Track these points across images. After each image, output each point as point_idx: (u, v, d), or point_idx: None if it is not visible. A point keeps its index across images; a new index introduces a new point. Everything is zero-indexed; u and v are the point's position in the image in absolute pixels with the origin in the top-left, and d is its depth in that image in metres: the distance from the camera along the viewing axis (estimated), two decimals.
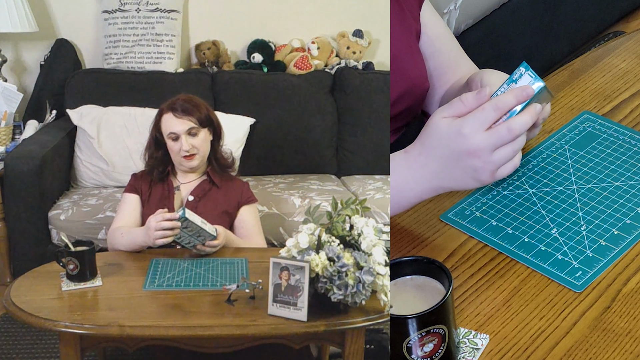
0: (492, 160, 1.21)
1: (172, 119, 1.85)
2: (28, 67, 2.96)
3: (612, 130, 1.53)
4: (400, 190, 1.29)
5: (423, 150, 1.25)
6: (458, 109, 1.23)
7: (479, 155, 1.20)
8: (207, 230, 1.67)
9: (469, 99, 1.23)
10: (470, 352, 1.14)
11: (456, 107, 1.23)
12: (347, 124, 2.92)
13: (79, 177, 2.69)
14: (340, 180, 2.84)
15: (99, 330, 1.36)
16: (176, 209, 1.85)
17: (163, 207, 1.84)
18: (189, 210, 1.67)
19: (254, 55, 3.02)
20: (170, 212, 1.68)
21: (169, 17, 2.94)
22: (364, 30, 3.05)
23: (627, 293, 1.20)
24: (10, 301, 1.43)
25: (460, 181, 1.26)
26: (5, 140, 2.62)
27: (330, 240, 1.36)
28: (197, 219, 1.67)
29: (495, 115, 1.20)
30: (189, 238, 1.67)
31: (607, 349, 1.12)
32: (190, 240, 1.68)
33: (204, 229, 1.67)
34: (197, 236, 1.67)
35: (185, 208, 1.67)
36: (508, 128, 1.19)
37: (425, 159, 1.25)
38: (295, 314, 1.33)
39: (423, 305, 1.05)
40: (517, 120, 1.20)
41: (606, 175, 1.42)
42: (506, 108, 1.20)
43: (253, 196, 1.93)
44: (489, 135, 1.19)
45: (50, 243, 2.40)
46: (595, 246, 1.29)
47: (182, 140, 1.83)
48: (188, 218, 1.64)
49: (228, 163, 1.94)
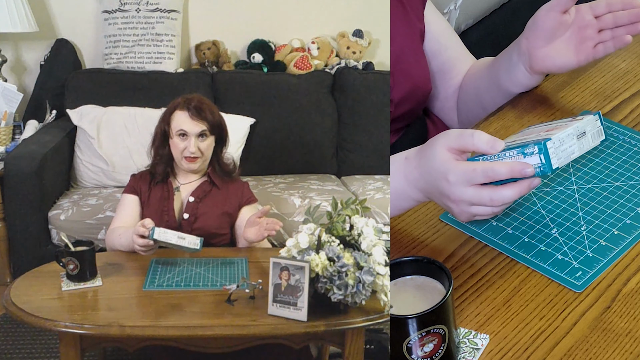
0: (468, 210, 1.19)
1: (186, 118, 1.84)
2: (28, 67, 2.96)
3: (612, 130, 1.53)
4: (399, 194, 1.28)
5: (418, 166, 1.23)
6: (465, 145, 1.18)
7: (457, 203, 1.19)
8: (185, 247, 1.63)
9: (481, 142, 1.17)
10: (470, 352, 1.14)
11: (464, 143, 1.18)
12: (347, 124, 2.92)
13: (79, 177, 2.69)
14: (340, 180, 2.84)
15: (99, 330, 1.36)
16: (176, 210, 1.85)
17: (163, 208, 1.84)
18: (159, 229, 1.61)
19: (254, 55, 3.02)
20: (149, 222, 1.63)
21: (169, 17, 2.94)
22: (364, 30, 3.05)
23: (627, 293, 1.20)
24: (10, 301, 1.43)
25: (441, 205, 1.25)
26: (5, 140, 2.62)
27: (330, 240, 1.36)
28: (172, 237, 1.62)
29: (483, 180, 1.16)
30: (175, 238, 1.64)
31: (607, 349, 1.12)
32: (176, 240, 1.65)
33: (181, 245, 1.63)
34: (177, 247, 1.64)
35: (154, 227, 1.60)
36: (491, 198, 1.16)
37: (419, 176, 1.23)
38: (295, 314, 1.33)
39: (423, 305, 1.05)
40: (503, 193, 1.16)
41: (606, 175, 1.42)
42: (497, 178, 1.15)
43: (253, 196, 1.93)
44: (472, 193, 1.16)
45: (50, 243, 2.40)
46: (595, 246, 1.29)
47: (190, 141, 1.83)
48: (157, 239, 1.60)
49: (230, 169, 1.93)
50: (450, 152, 1.18)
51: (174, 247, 1.64)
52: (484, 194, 1.16)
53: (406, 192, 1.27)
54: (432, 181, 1.20)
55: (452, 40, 1.74)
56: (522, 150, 1.16)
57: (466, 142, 1.17)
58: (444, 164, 1.17)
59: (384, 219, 2.30)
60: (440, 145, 1.19)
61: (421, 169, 1.22)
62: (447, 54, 1.71)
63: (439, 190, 1.19)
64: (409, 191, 1.26)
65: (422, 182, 1.23)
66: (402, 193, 1.27)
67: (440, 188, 1.19)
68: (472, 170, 1.15)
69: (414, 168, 1.24)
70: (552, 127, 1.24)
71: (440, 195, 1.20)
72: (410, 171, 1.24)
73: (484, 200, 1.16)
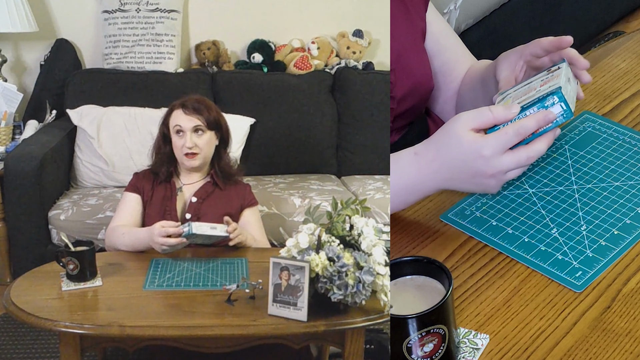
0: (504, 178, 1.27)
1: (181, 115, 1.85)
2: (28, 67, 2.96)
3: (612, 130, 1.53)
4: (409, 189, 1.32)
5: (438, 157, 1.28)
6: (487, 121, 1.26)
7: (494, 176, 1.25)
8: (217, 235, 1.69)
9: (499, 112, 1.25)
10: (470, 352, 1.14)
11: (485, 119, 1.26)
12: (347, 124, 2.92)
13: (79, 177, 2.69)
14: (340, 180, 2.84)
15: (99, 330, 1.36)
16: (178, 210, 1.85)
17: (165, 207, 1.84)
18: (195, 223, 1.68)
19: (254, 55, 3.02)
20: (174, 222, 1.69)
21: (169, 17, 2.94)
22: (364, 30, 3.05)
23: (627, 293, 1.20)
24: (10, 301, 1.43)
25: (467, 189, 1.33)
26: (5, 140, 2.62)
27: (330, 240, 1.36)
28: (206, 229, 1.68)
29: (517, 140, 1.24)
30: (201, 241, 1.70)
31: (607, 349, 1.12)
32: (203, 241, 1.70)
33: (213, 235, 1.69)
34: (207, 240, 1.69)
35: (191, 224, 1.67)
36: (527, 156, 1.24)
37: (439, 166, 1.28)
38: (295, 314, 1.33)
39: (423, 305, 1.05)
40: (536, 148, 1.24)
41: (606, 175, 1.42)
42: (527, 133, 1.24)
43: (255, 199, 1.93)
44: (509, 158, 1.24)
45: (50, 243, 2.40)
46: (595, 246, 1.29)
47: (186, 137, 1.84)
48: (196, 233, 1.66)
49: (232, 171, 1.93)
50: (474, 132, 1.25)
51: (206, 239, 1.69)
52: (521, 155, 1.24)
53: (419, 186, 1.31)
54: (461, 166, 1.26)
55: (451, 41, 1.74)
56: (542, 104, 1.26)
57: (486, 117, 1.25)
58: (474, 143, 1.24)
59: (384, 219, 2.30)
60: (462, 129, 1.25)
61: (443, 159, 1.27)
62: (446, 55, 1.71)
63: (473, 171, 1.25)
64: (424, 185, 1.31)
65: (446, 171, 1.28)
66: (412, 188, 1.31)
67: (474, 168, 1.25)
68: (504, 134, 1.23)
69: (431, 161, 1.28)
70: (535, 82, 1.35)
71: (472, 177, 1.26)
72: (427, 164, 1.28)
73: (522, 161, 1.24)
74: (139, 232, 1.76)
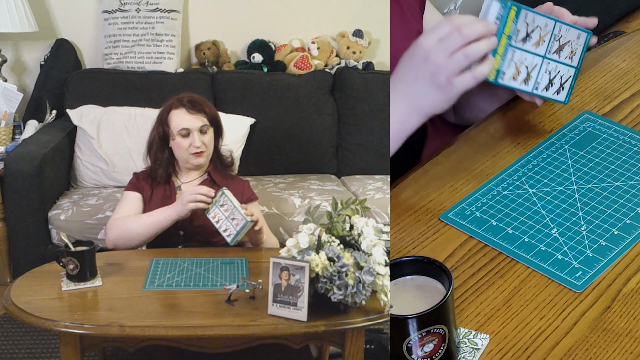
0: (447, 65, 1.27)
1: (185, 115, 1.85)
2: (28, 67, 2.97)
3: (612, 130, 1.53)
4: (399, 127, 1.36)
5: (403, 79, 1.32)
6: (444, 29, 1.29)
7: (439, 68, 1.27)
8: (239, 212, 1.71)
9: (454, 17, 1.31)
10: (470, 352, 1.14)
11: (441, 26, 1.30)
12: (347, 124, 2.92)
13: (79, 177, 2.69)
14: (340, 180, 2.84)
15: (99, 330, 1.36)
16: None
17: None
18: (228, 190, 1.73)
19: (254, 55, 3.02)
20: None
21: (169, 17, 2.94)
22: (364, 30, 3.05)
23: (627, 293, 1.20)
24: (10, 301, 1.43)
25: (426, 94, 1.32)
26: (5, 140, 2.62)
27: (330, 240, 1.36)
28: (235, 200, 1.72)
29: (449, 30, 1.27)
30: (225, 221, 1.71)
31: (607, 349, 1.12)
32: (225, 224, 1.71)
33: (237, 209, 1.71)
34: (231, 219, 1.69)
35: (224, 188, 1.75)
36: (465, 53, 1.26)
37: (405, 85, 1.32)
38: (295, 314, 1.33)
39: (423, 305, 1.05)
40: (475, 46, 1.27)
41: (606, 175, 1.42)
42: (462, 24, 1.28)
43: (254, 194, 1.94)
44: (439, 40, 1.27)
45: (50, 243, 2.40)
46: (595, 246, 1.28)
47: (194, 137, 1.84)
48: (225, 193, 1.72)
49: (228, 162, 1.95)
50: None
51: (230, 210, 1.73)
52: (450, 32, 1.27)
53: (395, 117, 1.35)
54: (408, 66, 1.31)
55: None
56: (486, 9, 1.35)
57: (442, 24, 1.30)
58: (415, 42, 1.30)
59: (384, 219, 2.30)
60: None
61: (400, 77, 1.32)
62: None
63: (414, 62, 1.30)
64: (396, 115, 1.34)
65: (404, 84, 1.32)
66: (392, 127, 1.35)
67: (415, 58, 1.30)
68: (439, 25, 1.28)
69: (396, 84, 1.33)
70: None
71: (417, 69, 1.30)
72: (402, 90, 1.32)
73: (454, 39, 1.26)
74: (161, 209, 1.78)
